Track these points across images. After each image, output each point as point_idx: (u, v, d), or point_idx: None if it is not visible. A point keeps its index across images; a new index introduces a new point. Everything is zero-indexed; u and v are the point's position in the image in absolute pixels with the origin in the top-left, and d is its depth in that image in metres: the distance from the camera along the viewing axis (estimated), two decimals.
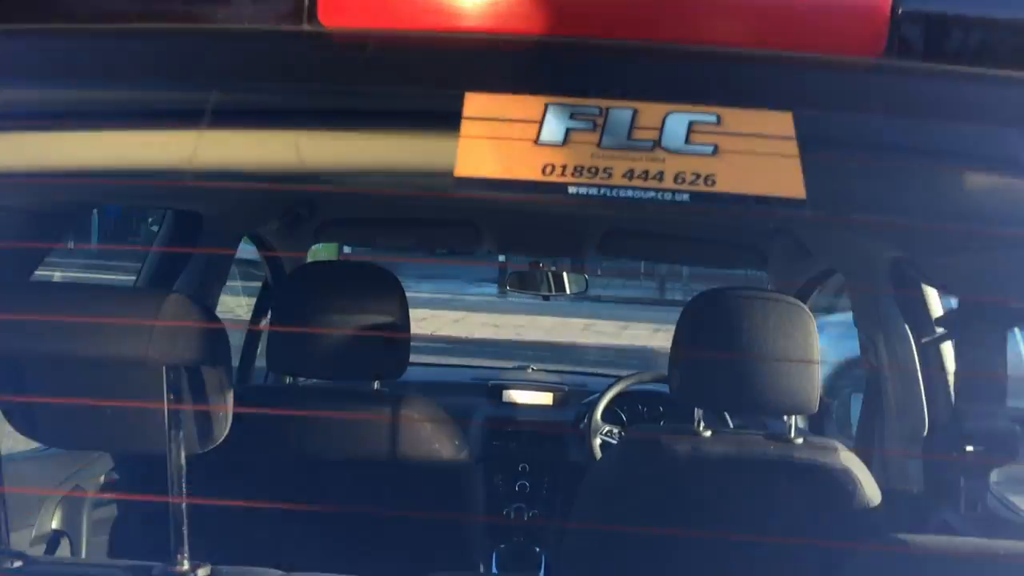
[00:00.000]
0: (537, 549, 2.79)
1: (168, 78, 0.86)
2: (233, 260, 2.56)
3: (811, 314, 1.54)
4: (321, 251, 3.16)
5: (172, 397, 1.08)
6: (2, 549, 1.08)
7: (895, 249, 1.80)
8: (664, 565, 1.54)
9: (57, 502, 1.72)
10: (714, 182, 0.67)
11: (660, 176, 0.67)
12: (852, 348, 2.63)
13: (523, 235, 2.77)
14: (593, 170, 0.68)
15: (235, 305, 3.13)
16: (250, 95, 0.85)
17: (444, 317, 10.60)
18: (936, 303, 2.01)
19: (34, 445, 1.81)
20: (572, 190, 0.67)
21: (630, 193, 0.67)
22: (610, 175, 0.67)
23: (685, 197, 0.67)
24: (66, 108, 0.90)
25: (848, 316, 2.41)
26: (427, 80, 0.76)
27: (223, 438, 1.18)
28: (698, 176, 0.67)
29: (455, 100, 0.69)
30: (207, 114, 0.82)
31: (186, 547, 1.08)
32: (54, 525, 1.71)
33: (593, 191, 0.67)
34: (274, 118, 0.85)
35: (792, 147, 0.67)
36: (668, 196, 0.66)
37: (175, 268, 2.23)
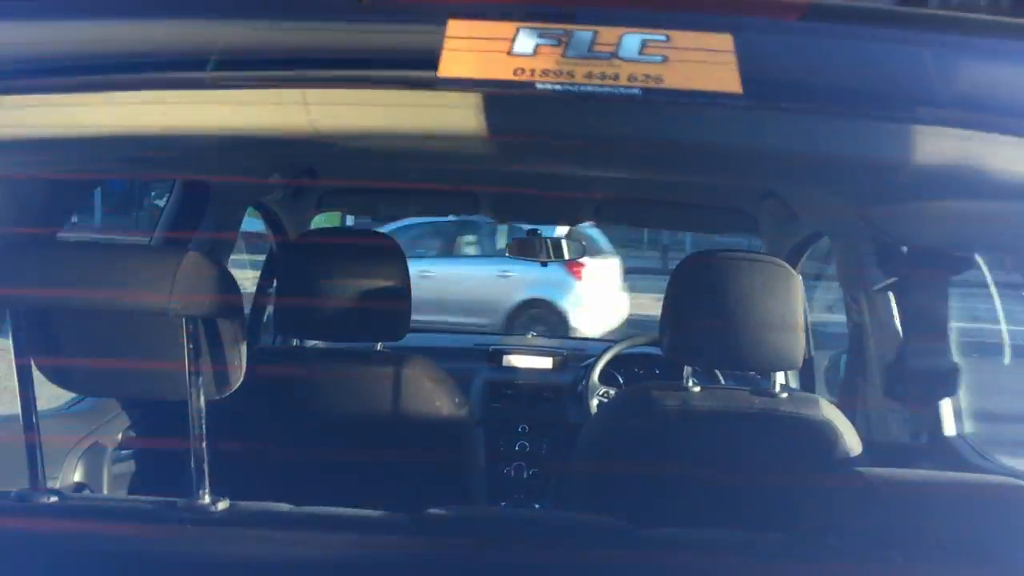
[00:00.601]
0: (536, 506, 2.88)
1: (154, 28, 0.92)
2: (239, 232, 2.63)
3: (796, 274, 1.59)
4: (324, 221, 3.23)
5: (192, 346, 1.14)
6: (38, 487, 1.17)
7: (857, 200, 1.87)
8: (655, 513, 1.61)
9: (79, 456, 1.79)
10: (662, 80, 0.78)
11: (616, 76, 0.78)
12: None
13: (521, 201, 2.83)
14: (558, 72, 0.79)
15: (242, 278, 3.20)
16: (234, 46, 0.92)
17: None
18: None
19: (56, 404, 1.90)
20: (539, 86, 0.78)
21: (590, 89, 0.78)
22: (573, 76, 0.78)
23: (636, 91, 0.78)
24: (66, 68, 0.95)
25: None
26: (410, 13, 0.85)
27: (238, 385, 1.25)
28: (648, 76, 0.78)
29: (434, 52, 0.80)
30: (188, 71, 0.90)
31: (207, 482, 1.15)
32: (76, 478, 1.78)
33: (557, 87, 0.78)
34: (263, 71, 0.93)
35: (731, 58, 0.78)
36: (622, 90, 0.78)
37: (184, 239, 2.31)
